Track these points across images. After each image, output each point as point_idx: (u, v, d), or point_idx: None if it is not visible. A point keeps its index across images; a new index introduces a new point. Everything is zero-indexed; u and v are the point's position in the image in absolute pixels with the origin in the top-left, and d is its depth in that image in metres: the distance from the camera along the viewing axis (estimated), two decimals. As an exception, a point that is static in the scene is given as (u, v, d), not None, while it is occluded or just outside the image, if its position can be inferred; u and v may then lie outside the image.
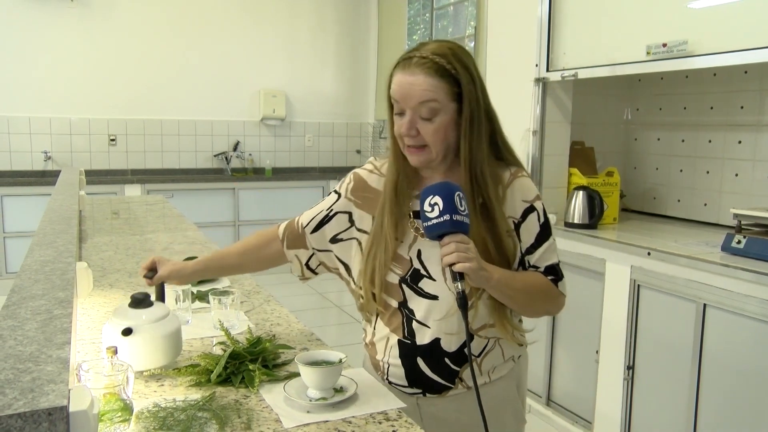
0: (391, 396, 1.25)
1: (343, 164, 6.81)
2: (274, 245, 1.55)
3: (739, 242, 2.34)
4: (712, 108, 3.09)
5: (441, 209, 1.19)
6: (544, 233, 1.37)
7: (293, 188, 6.25)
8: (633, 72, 2.83)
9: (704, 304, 2.32)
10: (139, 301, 1.34)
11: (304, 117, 6.73)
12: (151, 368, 1.32)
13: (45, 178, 5.45)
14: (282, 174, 6.47)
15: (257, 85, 6.46)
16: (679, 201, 3.30)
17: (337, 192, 1.51)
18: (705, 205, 3.15)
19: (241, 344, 1.40)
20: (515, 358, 1.45)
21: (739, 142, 2.96)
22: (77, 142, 5.91)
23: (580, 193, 3.00)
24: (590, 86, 3.34)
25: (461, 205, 1.21)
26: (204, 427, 1.09)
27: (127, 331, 1.27)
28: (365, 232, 1.44)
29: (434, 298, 1.35)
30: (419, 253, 1.38)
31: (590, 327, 2.83)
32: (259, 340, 1.42)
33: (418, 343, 1.37)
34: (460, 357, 1.36)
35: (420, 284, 1.37)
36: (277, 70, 6.55)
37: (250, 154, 6.50)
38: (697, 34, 2.46)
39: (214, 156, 6.39)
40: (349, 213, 1.48)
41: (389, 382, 1.43)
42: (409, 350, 1.39)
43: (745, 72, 2.90)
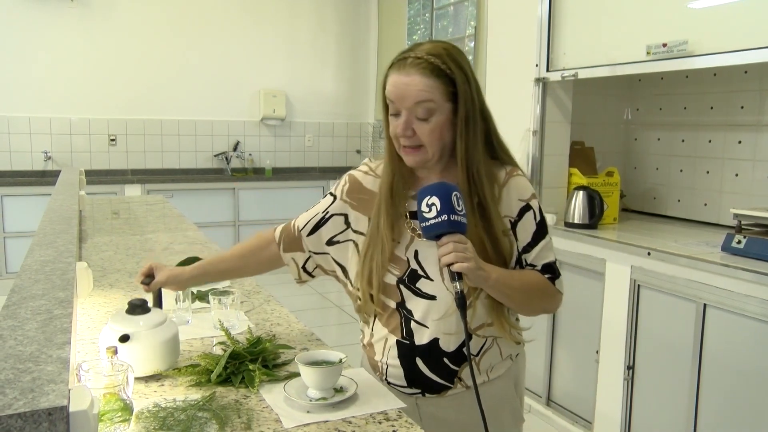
0: (391, 396, 1.25)
1: (343, 164, 6.81)
2: (270, 249, 1.54)
3: (739, 242, 2.34)
4: (712, 108, 3.09)
5: (438, 209, 1.19)
6: (541, 231, 1.37)
7: (293, 188, 6.25)
8: (633, 72, 2.83)
9: (704, 304, 2.32)
10: (136, 307, 1.33)
11: (304, 117, 6.73)
12: (148, 374, 1.32)
13: (45, 178, 5.45)
14: (282, 174, 6.47)
15: (257, 85, 6.46)
16: (679, 201, 3.30)
17: (332, 194, 1.51)
18: (705, 205, 3.15)
19: (241, 344, 1.40)
20: (513, 356, 1.45)
21: (739, 142, 2.96)
22: (77, 142, 5.91)
23: (580, 193, 3.00)
24: (590, 86, 3.34)
25: (458, 205, 1.21)
26: (204, 427, 1.10)
27: (125, 338, 1.27)
28: (361, 233, 1.44)
29: (432, 298, 1.35)
30: (416, 253, 1.37)
31: (590, 327, 2.83)
32: (259, 340, 1.42)
33: (416, 344, 1.37)
34: (459, 356, 1.36)
35: (418, 284, 1.37)
36: (277, 70, 6.55)
37: (250, 154, 6.50)
38: (697, 34, 2.46)
39: (214, 156, 6.39)
40: (345, 215, 1.48)
41: (388, 382, 1.43)
42: (407, 350, 1.39)
43: (745, 72, 2.90)
